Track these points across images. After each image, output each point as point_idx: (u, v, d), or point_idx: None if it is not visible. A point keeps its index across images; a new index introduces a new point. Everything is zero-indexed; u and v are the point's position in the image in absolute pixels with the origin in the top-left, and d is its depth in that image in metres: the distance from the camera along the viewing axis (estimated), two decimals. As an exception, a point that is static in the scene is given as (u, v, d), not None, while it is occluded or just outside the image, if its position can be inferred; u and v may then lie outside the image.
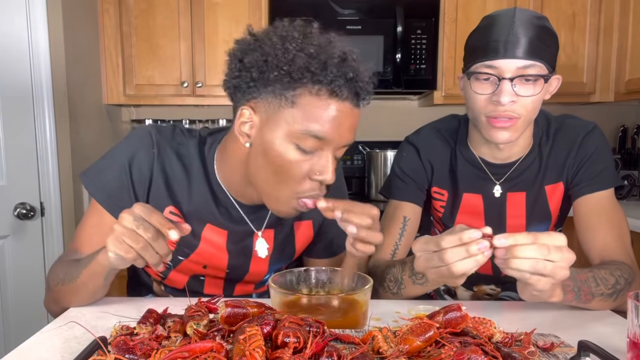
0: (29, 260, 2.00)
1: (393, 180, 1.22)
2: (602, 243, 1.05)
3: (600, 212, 1.08)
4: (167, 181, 0.99)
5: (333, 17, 2.40)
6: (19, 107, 1.94)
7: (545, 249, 0.74)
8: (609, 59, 2.53)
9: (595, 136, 1.12)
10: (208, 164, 1.01)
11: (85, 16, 2.34)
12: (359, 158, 2.85)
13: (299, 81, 0.83)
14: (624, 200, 2.60)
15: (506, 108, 0.99)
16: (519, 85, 0.98)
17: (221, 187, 1.01)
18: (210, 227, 1.03)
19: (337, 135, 0.85)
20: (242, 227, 1.04)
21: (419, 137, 1.23)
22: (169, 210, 0.99)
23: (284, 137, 0.85)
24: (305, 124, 0.84)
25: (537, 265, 0.74)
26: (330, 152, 0.87)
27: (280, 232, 1.08)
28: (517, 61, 0.97)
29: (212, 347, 0.61)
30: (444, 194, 1.20)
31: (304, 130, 0.84)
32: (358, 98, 0.86)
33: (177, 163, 1.00)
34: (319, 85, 0.83)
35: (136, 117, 2.83)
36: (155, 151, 0.98)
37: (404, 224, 1.18)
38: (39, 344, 0.80)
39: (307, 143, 0.85)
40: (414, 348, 0.66)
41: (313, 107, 0.83)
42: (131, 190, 0.98)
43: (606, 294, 0.93)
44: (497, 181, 1.15)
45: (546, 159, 1.14)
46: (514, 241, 0.74)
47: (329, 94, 0.83)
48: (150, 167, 0.98)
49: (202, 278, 1.10)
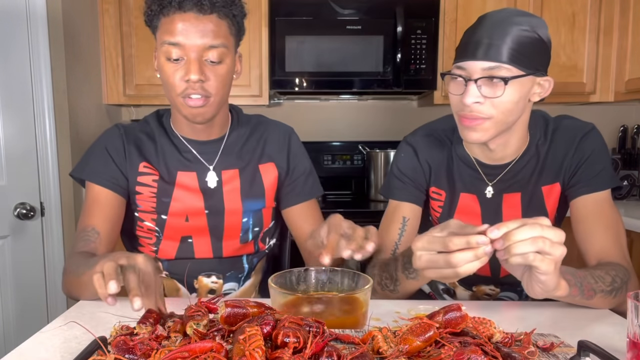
0: (29, 260, 2.00)
1: (392, 180, 1.23)
2: (599, 244, 1.05)
3: (598, 213, 1.08)
4: (137, 147, 1.19)
5: (333, 17, 2.40)
6: (19, 107, 1.94)
7: (538, 227, 0.75)
8: (609, 59, 2.52)
9: (593, 137, 1.12)
10: (165, 123, 1.23)
11: (85, 16, 2.34)
12: (359, 158, 2.85)
13: (156, 12, 1.06)
14: (624, 200, 2.60)
15: (472, 108, 1.00)
16: (485, 87, 0.98)
17: (178, 136, 1.20)
18: (181, 173, 1.19)
19: (188, 39, 1.03)
20: (204, 165, 1.20)
21: (416, 137, 1.23)
22: (142, 165, 1.18)
23: (159, 56, 1.07)
24: (162, 37, 1.05)
25: (537, 243, 0.74)
26: (193, 56, 1.03)
27: (245, 171, 1.22)
28: (483, 63, 0.97)
29: (212, 347, 0.61)
30: (441, 194, 1.20)
31: (162, 42, 1.05)
32: (200, 6, 1.02)
33: (141, 134, 1.21)
34: (167, 8, 1.03)
35: (136, 117, 2.83)
36: (122, 133, 1.21)
37: (404, 224, 1.19)
38: (39, 344, 0.80)
39: (170, 52, 1.04)
40: (414, 348, 0.66)
41: (164, 23, 1.05)
42: (113, 163, 1.17)
43: (606, 291, 0.94)
44: (490, 182, 1.15)
45: (543, 159, 1.14)
46: (507, 228, 0.75)
47: (174, 10, 1.03)
48: (122, 143, 1.19)
49: (190, 240, 1.21)
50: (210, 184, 1.19)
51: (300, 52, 2.42)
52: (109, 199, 1.16)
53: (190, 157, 1.20)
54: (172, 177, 1.19)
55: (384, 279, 1.07)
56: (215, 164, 1.20)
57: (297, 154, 1.27)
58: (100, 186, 1.16)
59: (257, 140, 1.25)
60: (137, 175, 1.18)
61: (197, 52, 1.03)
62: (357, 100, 2.90)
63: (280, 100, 2.87)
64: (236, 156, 1.22)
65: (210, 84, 1.06)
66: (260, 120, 1.29)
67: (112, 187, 1.16)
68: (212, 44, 1.04)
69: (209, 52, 1.04)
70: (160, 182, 1.18)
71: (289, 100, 2.90)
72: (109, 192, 1.16)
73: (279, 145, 1.26)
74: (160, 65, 1.07)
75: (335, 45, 2.41)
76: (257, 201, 1.23)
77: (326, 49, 2.42)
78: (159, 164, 1.19)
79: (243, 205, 1.21)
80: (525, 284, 0.83)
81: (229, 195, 1.20)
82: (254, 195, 1.22)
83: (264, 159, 1.24)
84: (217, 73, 1.06)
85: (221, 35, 1.05)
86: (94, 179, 1.17)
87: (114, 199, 1.17)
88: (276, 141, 1.26)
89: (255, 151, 1.24)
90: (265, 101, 2.52)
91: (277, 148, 1.25)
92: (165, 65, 1.06)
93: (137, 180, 1.18)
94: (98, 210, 1.15)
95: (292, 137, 1.28)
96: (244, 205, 1.21)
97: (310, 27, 2.40)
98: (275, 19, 2.39)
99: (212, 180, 1.19)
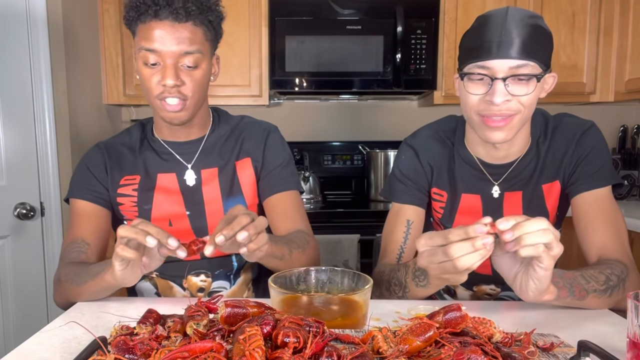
0: (29, 260, 2.00)
1: (393, 183, 1.23)
2: (600, 241, 1.05)
3: (598, 209, 1.08)
4: (118, 162, 1.22)
5: (333, 17, 2.40)
6: (19, 107, 1.94)
7: (545, 220, 0.76)
8: (609, 59, 2.52)
9: (592, 134, 1.12)
10: (147, 129, 1.26)
11: (85, 16, 2.34)
12: (359, 158, 2.85)
13: (134, 18, 1.08)
14: (624, 200, 2.60)
15: (500, 107, 1.00)
16: (512, 85, 0.99)
17: (157, 140, 1.23)
18: (161, 175, 1.21)
19: (164, 46, 1.05)
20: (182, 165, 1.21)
21: (417, 139, 1.23)
22: (124, 179, 1.21)
23: (137, 60, 1.10)
24: (140, 43, 1.08)
25: (547, 235, 0.75)
26: (169, 62, 1.06)
27: (224, 170, 1.22)
28: (510, 61, 0.97)
29: (212, 347, 0.61)
30: (443, 195, 1.20)
31: (140, 47, 1.08)
32: (176, 15, 1.05)
33: (122, 147, 1.24)
34: (144, 15, 1.06)
35: (136, 117, 2.83)
36: (103, 150, 1.23)
37: (408, 227, 1.18)
38: (39, 344, 0.80)
39: (147, 57, 1.07)
40: (414, 348, 0.66)
41: (142, 30, 1.07)
42: (94, 178, 1.20)
43: (599, 290, 0.93)
44: (496, 182, 1.15)
45: (544, 157, 1.14)
46: (515, 220, 0.76)
47: (150, 18, 1.06)
48: (102, 159, 1.22)
49: None
50: (189, 182, 1.20)
51: (300, 52, 2.42)
52: (95, 212, 1.18)
53: (169, 158, 1.21)
54: (152, 181, 1.20)
55: (392, 286, 1.06)
56: (193, 163, 1.21)
57: (273, 147, 1.26)
58: (84, 200, 1.18)
59: (236, 139, 1.25)
60: (118, 187, 1.20)
61: (173, 58, 1.06)
62: (357, 100, 2.90)
63: (280, 100, 2.87)
64: (216, 155, 1.23)
65: (187, 87, 1.09)
66: (243, 120, 1.30)
67: (95, 200, 1.19)
68: (188, 50, 1.07)
69: (185, 58, 1.07)
70: (140, 190, 1.20)
71: (289, 100, 2.90)
72: (93, 206, 1.18)
73: (257, 141, 1.25)
74: (138, 68, 1.10)
75: (335, 45, 2.42)
76: (237, 199, 1.23)
77: (326, 49, 2.42)
78: (139, 171, 1.21)
79: (224, 205, 1.21)
80: (519, 285, 0.83)
81: (209, 195, 1.21)
82: (233, 193, 1.22)
83: (241, 155, 1.24)
84: (193, 77, 1.09)
85: (197, 42, 1.08)
86: (77, 194, 1.19)
87: (99, 211, 1.19)
88: (254, 137, 1.26)
89: (234, 149, 1.24)
90: (265, 101, 2.52)
91: (254, 144, 1.25)
92: (143, 69, 1.09)
93: (118, 192, 1.20)
94: (85, 223, 1.17)
95: (271, 134, 1.27)
96: (225, 205, 1.21)
97: (310, 27, 2.40)
98: (275, 18, 2.39)
99: (190, 179, 1.20)
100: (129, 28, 1.13)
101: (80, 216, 1.18)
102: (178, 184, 1.20)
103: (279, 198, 1.24)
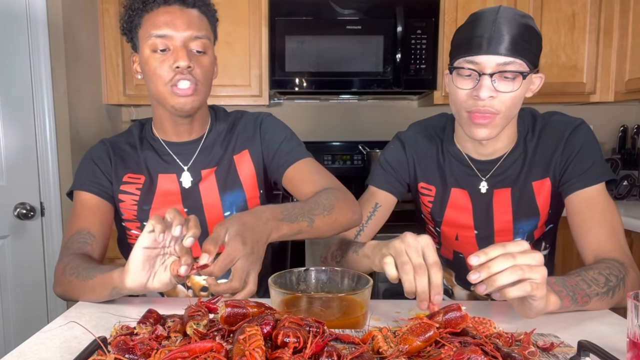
0: (29, 260, 2.00)
1: (375, 168, 1.28)
2: (596, 240, 1.04)
3: (592, 208, 1.07)
4: (122, 159, 1.22)
5: (333, 17, 2.40)
6: (19, 107, 1.94)
7: (510, 257, 0.75)
8: (609, 59, 2.52)
9: (581, 132, 1.12)
10: (146, 129, 1.26)
11: (85, 16, 2.34)
12: (358, 158, 2.85)
13: (139, 10, 1.09)
14: (624, 200, 2.60)
15: (485, 103, 1.02)
16: (499, 81, 1.01)
17: (158, 140, 1.22)
18: (162, 176, 1.21)
19: (175, 29, 1.07)
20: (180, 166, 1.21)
21: (407, 133, 1.28)
22: (127, 176, 1.21)
23: (145, 49, 1.09)
24: (149, 31, 1.08)
25: (516, 272, 0.75)
26: (180, 45, 1.07)
27: (221, 166, 1.22)
28: (498, 57, 0.99)
29: (212, 347, 0.61)
30: (431, 189, 1.23)
31: (148, 35, 1.08)
32: (184, 1, 1.08)
33: (125, 145, 1.24)
34: (150, 4, 1.08)
35: (136, 117, 2.83)
36: (107, 146, 1.24)
37: (374, 210, 1.23)
38: (39, 344, 0.80)
39: (156, 44, 1.07)
40: (414, 348, 0.66)
41: (149, 19, 1.09)
42: (99, 172, 1.19)
43: (601, 293, 0.93)
44: (483, 177, 1.17)
45: (531, 155, 1.15)
46: (486, 256, 0.76)
47: (158, 5, 1.08)
48: (107, 155, 1.22)
49: None
50: (185, 184, 1.20)
51: (300, 52, 2.42)
52: (99, 205, 1.18)
53: (168, 159, 1.21)
54: (154, 182, 1.20)
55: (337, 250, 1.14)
56: (191, 164, 1.21)
57: (270, 129, 1.24)
58: (89, 193, 1.18)
59: (233, 134, 1.25)
60: (121, 184, 1.20)
61: (183, 41, 1.08)
62: (357, 100, 2.90)
63: (280, 100, 2.87)
64: (215, 153, 1.22)
65: (198, 71, 1.09)
66: (238, 114, 1.29)
67: (100, 193, 1.18)
68: (197, 35, 1.09)
69: (194, 42, 1.09)
70: (143, 190, 1.19)
71: (289, 100, 2.90)
72: (98, 199, 1.18)
73: (251, 131, 1.25)
74: (144, 60, 1.10)
75: (335, 45, 2.42)
76: (236, 193, 1.22)
77: (326, 49, 2.42)
78: (142, 171, 1.21)
79: (222, 200, 1.21)
80: (518, 307, 0.84)
81: (206, 192, 1.21)
82: (231, 187, 1.22)
83: (237, 149, 1.24)
84: (202, 63, 1.10)
85: (204, 28, 1.11)
86: (82, 187, 1.18)
87: (104, 205, 1.18)
88: (248, 129, 1.25)
89: (230, 144, 1.24)
90: (265, 101, 2.52)
91: (249, 135, 1.25)
92: (151, 57, 1.08)
93: (120, 189, 1.19)
94: (89, 215, 1.16)
95: (264, 119, 1.26)
96: (223, 199, 1.21)
97: (310, 27, 2.40)
98: (275, 18, 2.39)
99: (186, 181, 1.20)
100: (127, 30, 1.13)
101: (85, 208, 1.17)
102: (178, 185, 1.20)
103: (293, 170, 1.20)
